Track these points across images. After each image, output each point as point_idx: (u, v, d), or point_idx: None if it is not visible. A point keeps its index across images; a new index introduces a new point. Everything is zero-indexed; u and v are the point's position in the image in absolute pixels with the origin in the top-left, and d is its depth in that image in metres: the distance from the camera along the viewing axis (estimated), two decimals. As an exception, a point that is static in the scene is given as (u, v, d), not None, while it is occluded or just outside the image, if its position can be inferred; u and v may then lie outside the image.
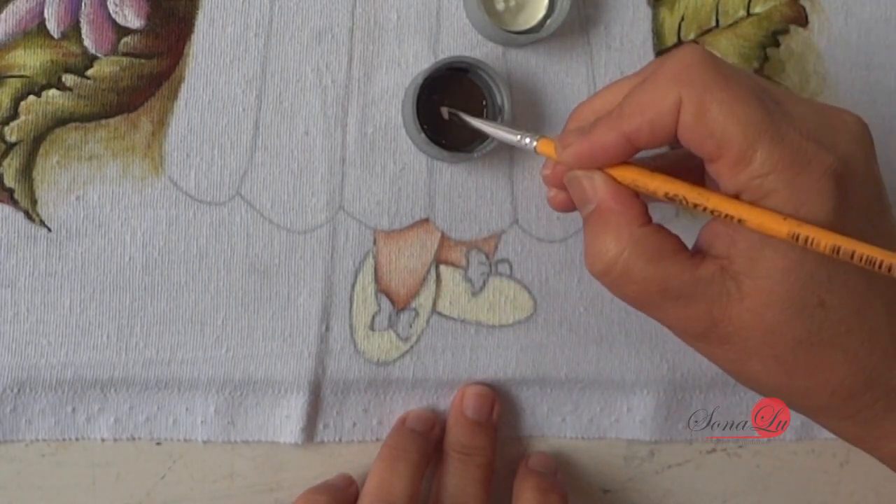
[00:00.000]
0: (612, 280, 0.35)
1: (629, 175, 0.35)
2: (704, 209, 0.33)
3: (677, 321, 0.35)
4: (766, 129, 0.32)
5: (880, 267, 0.30)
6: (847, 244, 0.31)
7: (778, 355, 0.33)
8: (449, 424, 0.45)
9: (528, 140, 0.39)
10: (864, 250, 0.30)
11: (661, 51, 0.46)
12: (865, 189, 0.33)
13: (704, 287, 0.33)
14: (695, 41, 0.46)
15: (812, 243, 0.31)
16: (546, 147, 0.38)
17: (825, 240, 0.31)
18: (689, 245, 0.35)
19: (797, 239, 0.31)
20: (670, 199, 0.34)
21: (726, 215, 0.32)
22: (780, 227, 0.31)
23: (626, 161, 0.35)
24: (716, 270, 0.33)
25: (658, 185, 0.34)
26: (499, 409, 0.45)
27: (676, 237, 0.35)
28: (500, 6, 0.44)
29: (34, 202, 0.42)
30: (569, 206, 0.39)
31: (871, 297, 0.33)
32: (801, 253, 0.32)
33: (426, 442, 0.44)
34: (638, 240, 0.34)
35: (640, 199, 0.35)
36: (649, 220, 0.35)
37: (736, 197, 0.33)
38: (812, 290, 0.32)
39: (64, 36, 0.42)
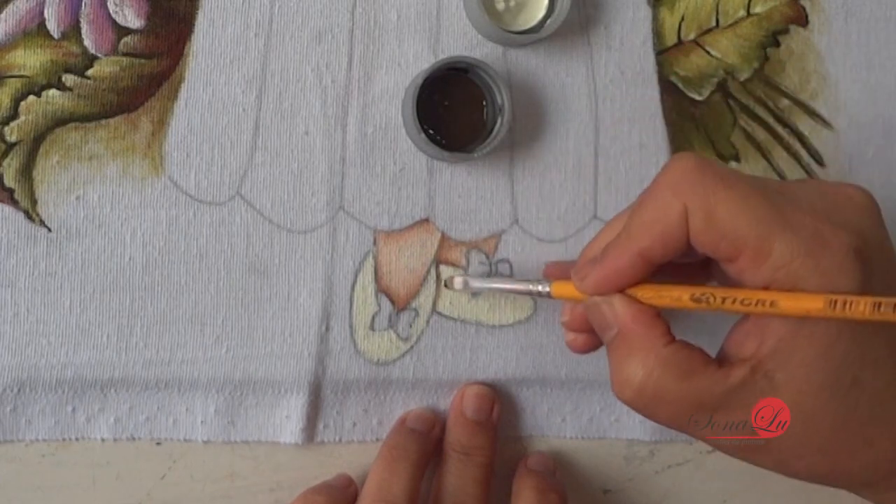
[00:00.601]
0: (645, 404, 0.34)
1: (649, 292, 0.35)
2: (734, 301, 0.33)
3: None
4: (778, 219, 0.32)
5: None
6: (887, 298, 0.30)
7: (820, 446, 0.33)
8: (449, 424, 0.45)
9: (541, 287, 0.39)
10: None
11: (661, 51, 0.46)
12: (883, 258, 0.33)
13: (737, 393, 0.33)
14: (695, 41, 0.46)
15: (850, 306, 0.31)
16: (561, 288, 0.38)
17: (864, 300, 0.30)
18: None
19: (835, 305, 0.31)
20: (696, 302, 0.34)
21: (758, 301, 0.32)
22: (816, 298, 0.31)
23: (646, 282, 0.35)
24: (746, 374, 0.33)
25: (681, 291, 0.34)
26: (498, 409, 0.45)
27: (701, 350, 0.34)
28: (500, 6, 0.44)
29: (34, 202, 0.42)
30: (590, 347, 0.39)
31: None
32: (834, 335, 0.32)
33: (426, 442, 0.44)
34: (665, 360, 0.34)
35: (662, 318, 0.35)
36: (673, 337, 0.35)
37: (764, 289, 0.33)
38: (846, 369, 0.32)
39: (64, 36, 0.42)
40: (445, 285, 0.44)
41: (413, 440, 0.43)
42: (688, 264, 0.38)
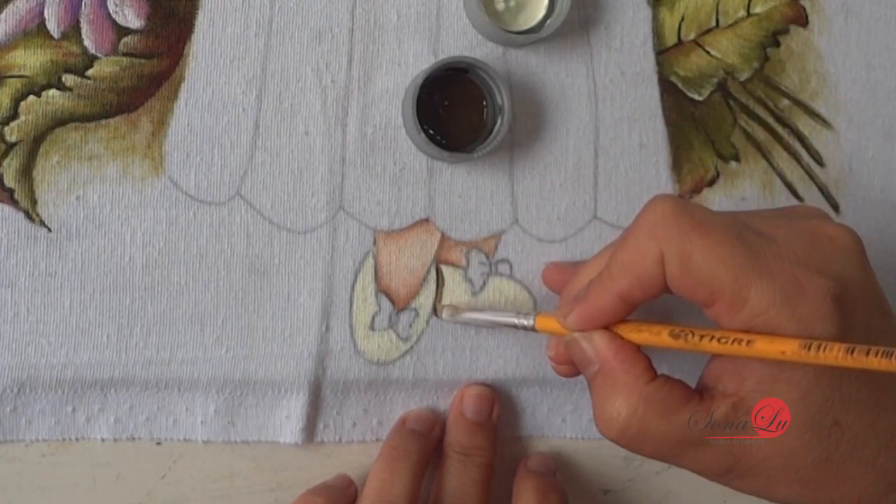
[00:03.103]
0: (629, 441, 0.35)
1: (629, 327, 0.36)
2: (711, 339, 0.33)
3: (700, 466, 0.35)
4: (754, 267, 0.32)
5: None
6: (860, 346, 0.30)
7: (801, 477, 0.34)
8: (448, 425, 0.45)
9: (525, 321, 0.40)
10: (880, 364, 0.30)
11: (661, 51, 0.46)
12: (865, 302, 0.33)
13: (720, 429, 0.33)
14: (695, 41, 0.46)
15: (824, 351, 0.30)
16: (544, 322, 0.39)
17: (837, 346, 0.30)
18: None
19: (809, 348, 0.31)
20: (675, 338, 0.34)
21: (735, 340, 0.32)
22: (791, 341, 0.31)
23: (628, 320, 0.36)
24: (728, 410, 0.33)
25: (660, 328, 0.35)
26: (498, 409, 0.45)
27: (682, 383, 0.35)
28: (500, 6, 0.44)
29: (34, 202, 0.42)
30: (577, 373, 0.40)
31: (881, 408, 0.34)
32: (813, 380, 0.32)
33: (426, 442, 0.44)
34: (648, 397, 0.34)
35: (643, 354, 0.35)
36: (655, 373, 0.35)
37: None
38: (826, 412, 0.33)
39: (64, 36, 0.42)
40: (435, 314, 0.45)
41: (413, 441, 0.43)
42: None
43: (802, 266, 0.32)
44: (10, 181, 0.42)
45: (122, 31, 0.43)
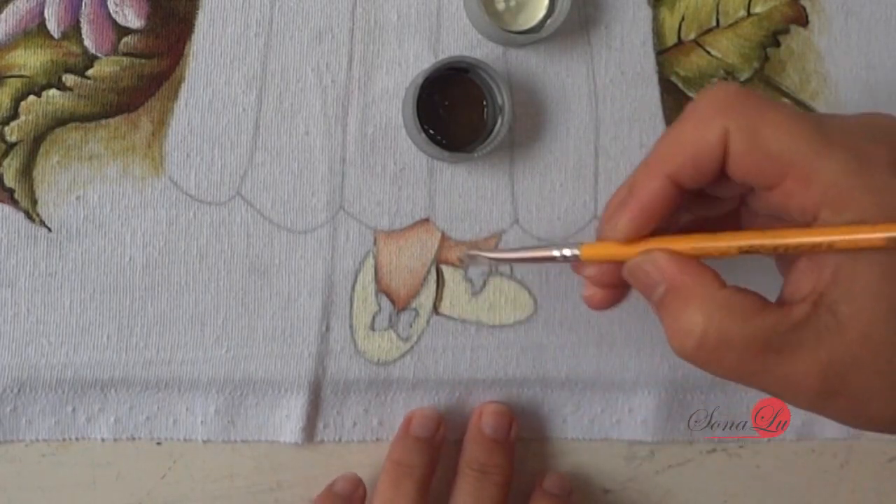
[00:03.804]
0: (709, 353, 0.32)
1: (690, 244, 0.34)
2: (786, 249, 0.32)
3: (789, 381, 0.32)
4: (824, 138, 0.31)
5: None
6: None
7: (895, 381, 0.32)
8: (466, 441, 0.44)
9: (567, 251, 0.36)
10: None
11: (661, 51, 0.46)
12: None
13: (803, 331, 0.31)
14: (696, 41, 0.46)
15: None
16: (593, 249, 0.36)
17: None
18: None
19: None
20: (745, 253, 0.33)
21: (813, 245, 0.31)
22: (874, 233, 0.30)
23: (682, 236, 0.34)
24: (809, 309, 0.31)
25: (726, 242, 0.33)
26: (516, 428, 0.45)
27: (757, 293, 0.33)
28: (500, 6, 0.44)
29: (34, 202, 0.42)
30: (607, 303, 0.37)
31: None
32: (892, 257, 0.31)
33: (431, 449, 0.43)
34: (724, 302, 0.32)
35: (710, 268, 0.34)
36: (724, 282, 0.33)
37: (813, 219, 0.31)
38: None
39: (64, 36, 0.42)
40: (461, 261, 0.43)
41: (418, 452, 0.43)
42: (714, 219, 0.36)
43: (867, 139, 0.31)
44: (10, 181, 0.42)
45: (123, 30, 0.43)
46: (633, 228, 0.34)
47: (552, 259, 0.37)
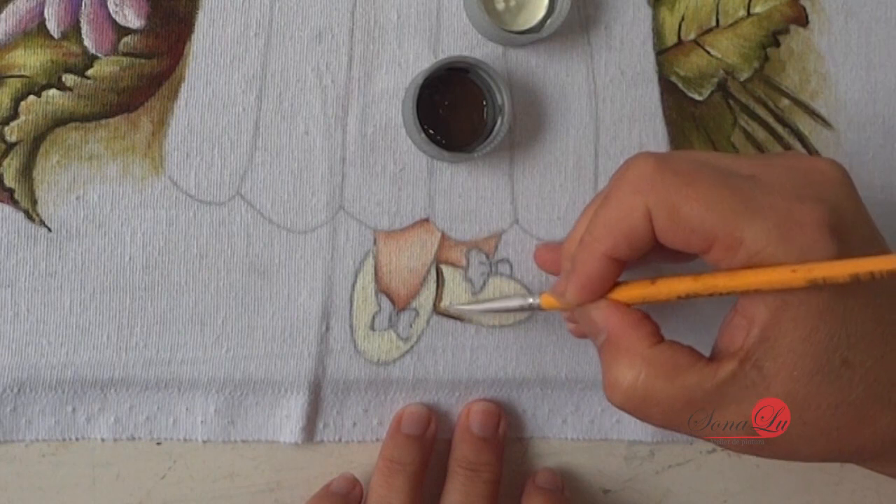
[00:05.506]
0: (636, 406, 0.34)
1: (635, 292, 0.35)
2: (720, 294, 0.33)
3: (716, 432, 0.34)
4: (746, 207, 0.32)
5: None
6: (862, 265, 0.30)
7: (823, 430, 0.33)
8: (455, 440, 0.44)
9: (531, 300, 0.39)
10: (882, 264, 0.30)
11: (661, 51, 0.46)
12: (858, 231, 0.33)
13: (729, 388, 0.33)
14: (695, 41, 0.46)
15: (827, 280, 0.31)
16: (549, 301, 0.38)
17: (840, 269, 0.30)
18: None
19: (814, 282, 0.31)
20: (683, 299, 0.34)
21: (742, 290, 0.32)
22: (794, 276, 0.31)
23: (627, 281, 0.35)
24: (735, 366, 0.33)
25: (667, 291, 0.35)
26: (505, 424, 0.45)
27: (690, 348, 0.34)
28: (500, 6, 0.44)
29: (34, 202, 0.42)
30: (584, 335, 0.40)
31: (885, 342, 0.33)
32: (816, 316, 0.32)
33: (423, 445, 0.43)
34: (652, 360, 0.34)
35: (650, 319, 0.35)
36: (661, 338, 0.34)
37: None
38: (834, 350, 0.32)
39: (64, 36, 0.42)
40: (437, 312, 0.44)
41: (409, 449, 0.43)
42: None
43: (794, 199, 0.32)
44: (10, 181, 0.42)
45: (123, 30, 0.43)
46: (581, 298, 0.36)
47: (519, 308, 0.40)
